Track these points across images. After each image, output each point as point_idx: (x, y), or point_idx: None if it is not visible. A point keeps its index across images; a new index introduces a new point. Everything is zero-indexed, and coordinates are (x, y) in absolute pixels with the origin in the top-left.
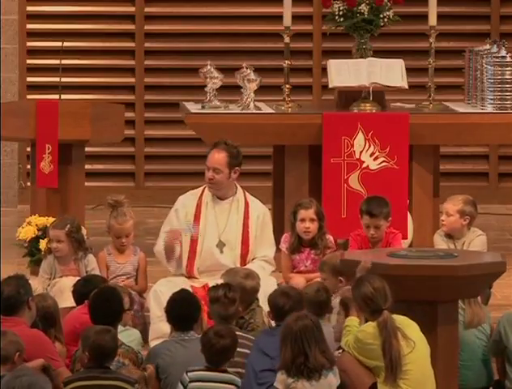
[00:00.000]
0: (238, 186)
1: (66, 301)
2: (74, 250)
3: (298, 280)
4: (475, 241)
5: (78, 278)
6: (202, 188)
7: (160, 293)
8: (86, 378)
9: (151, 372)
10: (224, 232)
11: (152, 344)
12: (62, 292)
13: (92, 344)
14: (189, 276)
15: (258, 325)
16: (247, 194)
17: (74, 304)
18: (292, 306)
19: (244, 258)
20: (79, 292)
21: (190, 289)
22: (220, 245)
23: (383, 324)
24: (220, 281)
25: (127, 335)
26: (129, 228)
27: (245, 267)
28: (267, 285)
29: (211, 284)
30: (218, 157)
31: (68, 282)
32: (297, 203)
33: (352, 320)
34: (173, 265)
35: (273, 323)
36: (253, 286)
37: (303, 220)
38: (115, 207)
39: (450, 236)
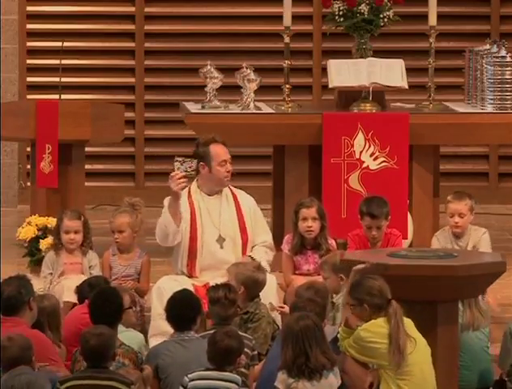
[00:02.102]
0: None
1: (68, 297)
2: (84, 241)
3: (300, 283)
4: (482, 240)
5: (80, 276)
6: (186, 189)
7: (163, 290)
8: (81, 377)
9: (148, 372)
10: (220, 227)
11: (152, 340)
12: (65, 290)
13: (83, 345)
14: (190, 275)
15: (263, 315)
16: (231, 186)
17: (75, 300)
18: (318, 312)
19: (245, 247)
20: (84, 297)
21: (192, 288)
22: (220, 240)
23: (393, 312)
24: (221, 280)
25: (129, 337)
26: (121, 224)
27: (250, 254)
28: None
29: (211, 283)
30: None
31: (69, 283)
32: (299, 203)
33: (343, 329)
34: (172, 228)
35: (278, 320)
36: (263, 278)
37: (305, 219)
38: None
39: (455, 236)
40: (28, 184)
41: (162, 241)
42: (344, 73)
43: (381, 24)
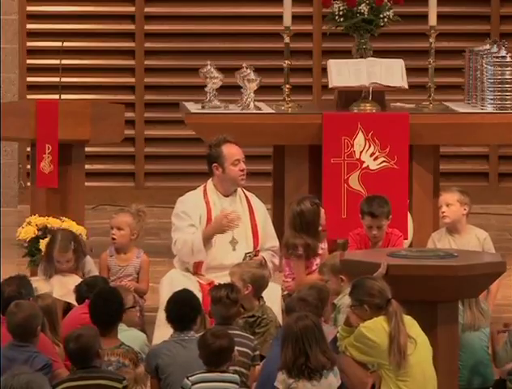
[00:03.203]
0: None
1: (56, 294)
2: (76, 259)
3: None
4: (488, 241)
5: (73, 276)
6: (202, 188)
7: (173, 281)
8: (73, 379)
9: (140, 370)
10: (235, 229)
11: (157, 331)
12: (61, 288)
13: (65, 349)
14: (195, 273)
15: (271, 319)
16: (243, 188)
17: (70, 301)
18: (310, 311)
19: (255, 250)
20: (82, 297)
21: (197, 285)
22: (233, 242)
23: (393, 312)
24: (225, 279)
25: (131, 337)
26: (121, 221)
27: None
28: (271, 288)
29: (216, 282)
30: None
31: (67, 280)
32: (316, 202)
33: (343, 328)
34: (202, 254)
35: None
36: (268, 275)
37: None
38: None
39: (449, 232)
40: (28, 184)
41: (186, 258)
42: (344, 73)
43: (381, 24)
